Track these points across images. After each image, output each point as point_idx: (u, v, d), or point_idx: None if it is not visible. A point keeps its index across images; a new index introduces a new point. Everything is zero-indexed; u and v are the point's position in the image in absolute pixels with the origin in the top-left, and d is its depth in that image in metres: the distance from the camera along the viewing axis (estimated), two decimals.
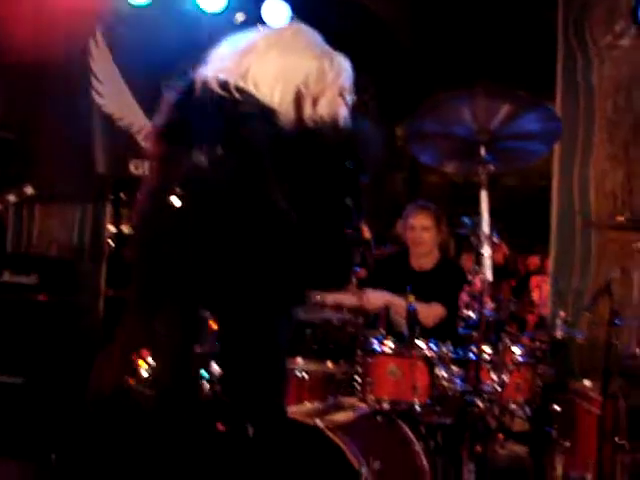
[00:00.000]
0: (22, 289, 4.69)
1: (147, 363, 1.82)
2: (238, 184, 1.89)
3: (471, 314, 3.19)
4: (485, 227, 3.01)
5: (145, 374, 1.81)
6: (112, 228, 6.11)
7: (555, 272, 4.88)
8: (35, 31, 4.86)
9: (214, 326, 1.83)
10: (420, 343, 3.47)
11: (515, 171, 6.89)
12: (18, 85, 5.36)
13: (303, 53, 2.10)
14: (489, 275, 2.99)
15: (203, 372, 1.79)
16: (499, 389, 3.17)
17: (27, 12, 4.92)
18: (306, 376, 3.81)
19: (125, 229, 6.29)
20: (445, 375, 3.38)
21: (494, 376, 3.19)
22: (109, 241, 5.96)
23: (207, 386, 1.78)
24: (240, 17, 5.54)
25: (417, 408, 3.38)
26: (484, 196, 3.04)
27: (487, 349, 3.18)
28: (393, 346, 3.51)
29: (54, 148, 5.19)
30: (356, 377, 3.55)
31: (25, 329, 4.56)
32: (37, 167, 5.13)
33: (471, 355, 3.24)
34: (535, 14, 5.96)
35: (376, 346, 3.51)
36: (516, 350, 3.46)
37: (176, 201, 1.90)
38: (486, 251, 3.00)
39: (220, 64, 2.05)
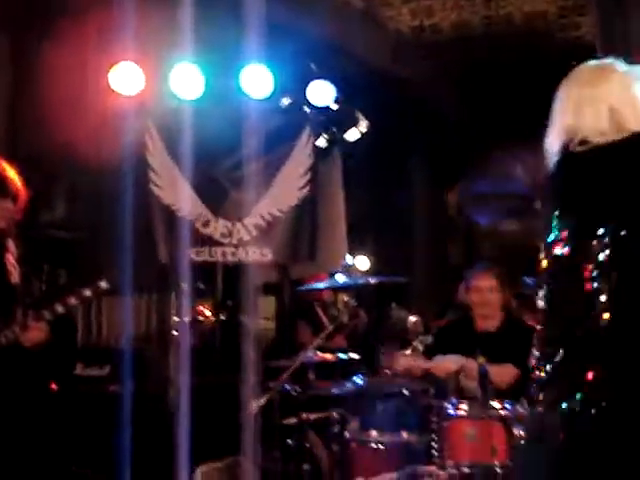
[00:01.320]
0: (94, 381, 4.78)
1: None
2: None
3: (542, 374, 3.13)
4: None
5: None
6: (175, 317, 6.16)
7: None
8: (93, 132, 5.05)
9: None
10: (495, 404, 3.42)
11: None
12: (79, 185, 5.55)
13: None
14: None
15: None
16: None
17: (86, 115, 5.12)
18: (382, 447, 3.78)
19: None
20: (523, 435, 3.32)
21: None
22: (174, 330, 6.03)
23: None
24: (286, 101, 5.69)
25: (498, 470, 3.32)
26: None
27: None
28: (468, 409, 3.47)
29: (116, 242, 5.30)
30: (433, 444, 3.51)
31: (99, 419, 4.63)
32: (102, 262, 5.25)
33: None
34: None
35: (450, 410, 3.48)
36: None
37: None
38: None
39: (572, 119, 2.08)
